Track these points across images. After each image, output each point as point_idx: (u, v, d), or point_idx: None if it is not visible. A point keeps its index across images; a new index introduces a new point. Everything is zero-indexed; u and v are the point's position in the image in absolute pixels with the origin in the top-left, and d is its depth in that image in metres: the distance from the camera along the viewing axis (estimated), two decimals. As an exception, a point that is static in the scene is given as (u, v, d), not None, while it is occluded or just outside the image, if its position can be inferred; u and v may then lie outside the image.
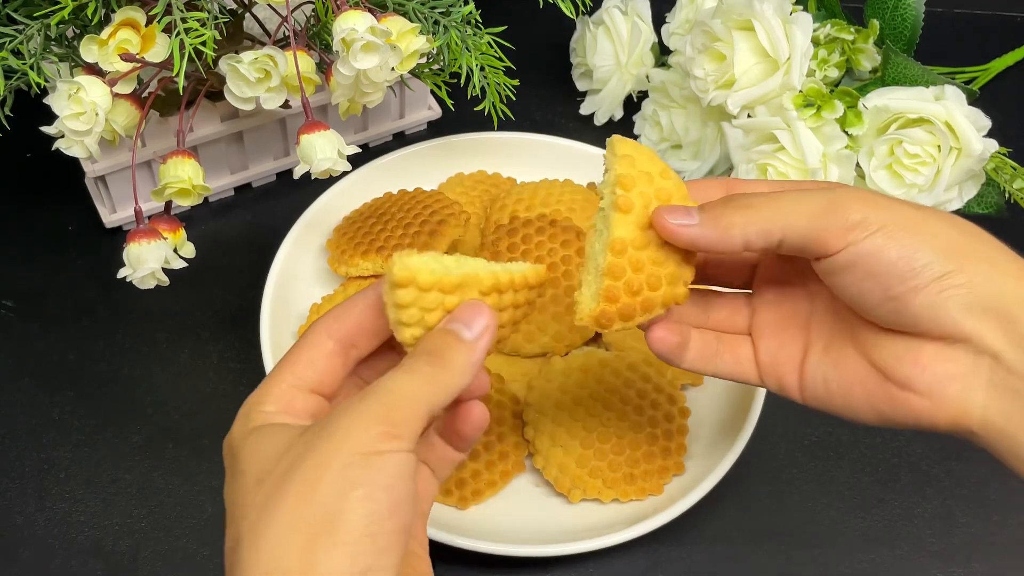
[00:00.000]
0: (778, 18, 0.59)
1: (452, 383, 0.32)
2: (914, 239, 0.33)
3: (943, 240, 0.33)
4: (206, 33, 0.46)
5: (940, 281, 0.33)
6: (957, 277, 0.33)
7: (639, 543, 0.50)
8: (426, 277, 0.33)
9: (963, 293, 0.33)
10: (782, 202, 0.35)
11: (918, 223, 0.33)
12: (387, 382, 0.31)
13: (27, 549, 0.50)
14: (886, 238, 0.33)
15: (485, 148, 0.68)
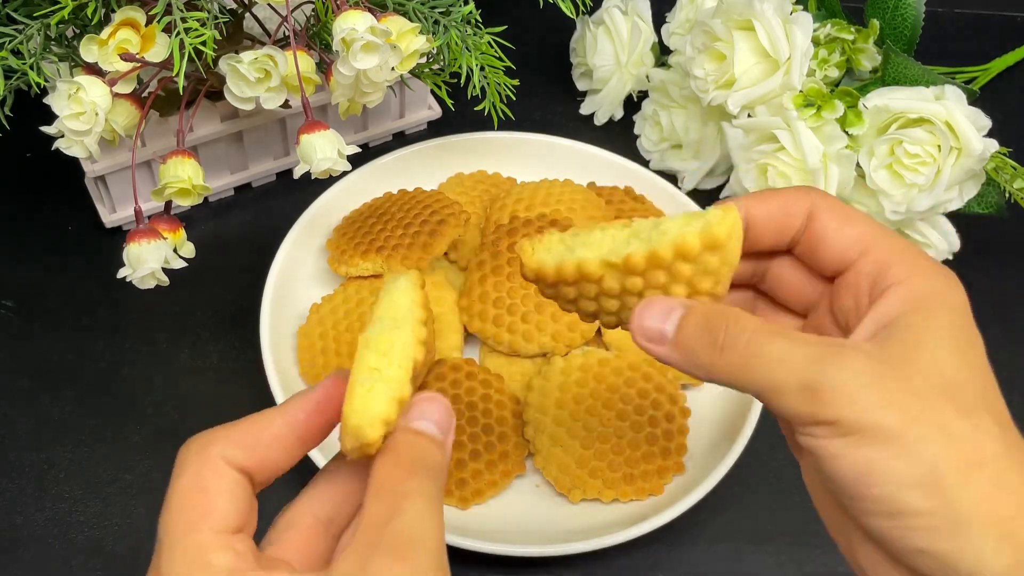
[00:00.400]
0: (778, 18, 0.59)
1: (442, 496, 0.29)
2: (884, 460, 0.27)
3: (923, 469, 0.26)
4: (206, 33, 0.46)
5: (896, 518, 0.27)
6: (919, 519, 0.26)
7: (639, 543, 0.50)
8: None
9: (922, 538, 0.27)
10: (758, 362, 0.29)
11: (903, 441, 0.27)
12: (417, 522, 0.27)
13: (27, 549, 0.50)
14: (849, 448, 0.27)
15: (485, 148, 0.68)
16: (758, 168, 0.62)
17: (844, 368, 0.28)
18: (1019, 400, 0.61)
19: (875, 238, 0.31)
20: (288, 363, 0.56)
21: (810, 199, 0.32)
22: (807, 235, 0.32)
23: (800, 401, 0.28)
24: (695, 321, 0.30)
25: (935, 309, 0.29)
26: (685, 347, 0.30)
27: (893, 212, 0.60)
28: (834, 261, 0.32)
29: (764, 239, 0.33)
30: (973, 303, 0.70)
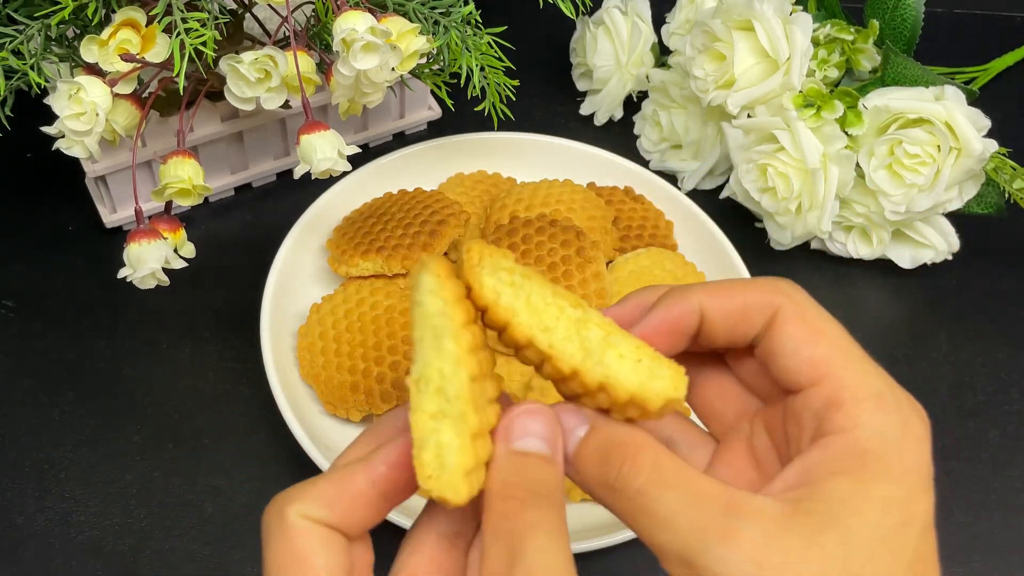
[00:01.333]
0: (778, 18, 0.59)
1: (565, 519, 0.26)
2: None
3: None
4: (206, 33, 0.46)
5: None
6: None
7: (639, 543, 0.50)
8: None
9: None
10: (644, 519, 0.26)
11: None
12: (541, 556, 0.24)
13: (27, 549, 0.50)
14: None
15: (485, 148, 0.68)
16: (758, 168, 0.62)
17: (732, 550, 0.24)
18: (1019, 399, 0.61)
19: (835, 365, 0.27)
20: (288, 363, 0.56)
21: (776, 302, 0.28)
22: (763, 341, 0.28)
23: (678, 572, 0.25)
24: (593, 448, 0.27)
25: (872, 479, 0.25)
26: (580, 473, 0.28)
27: (893, 212, 0.60)
28: (785, 381, 0.28)
29: (715, 339, 0.29)
30: (973, 303, 0.70)
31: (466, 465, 0.25)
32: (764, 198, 0.63)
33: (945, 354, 0.62)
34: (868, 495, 0.25)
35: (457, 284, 0.27)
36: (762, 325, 0.28)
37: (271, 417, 0.54)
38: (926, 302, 0.65)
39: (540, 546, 0.25)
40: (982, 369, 0.62)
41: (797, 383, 0.28)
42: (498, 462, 0.26)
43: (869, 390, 0.26)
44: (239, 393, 0.57)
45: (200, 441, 0.55)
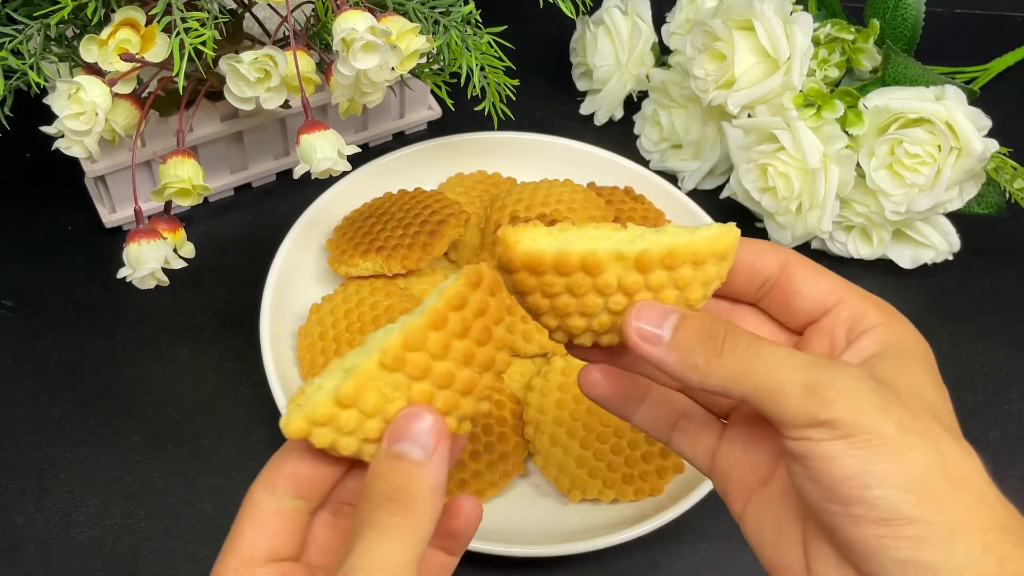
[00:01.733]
0: (778, 18, 0.59)
1: (426, 522, 0.28)
2: (880, 464, 0.27)
3: (918, 477, 0.27)
4: (206, 33, 0.46)
5: (887, 524, 0.27)
6: (909, 528, 0.27)
7: (639, 543, 0.50)
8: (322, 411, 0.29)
9: (908, 547, 0.27)
10: (758, 362, 0.29)
11: (899, 447, 0.27)
12: (363, 559, 0.27)
13: (27, 549, 0.50)
14: (846, 448, 0.27)
15: (485, 148, 0.68)
16: (758, 168, 0.62)
17: (845, 373, 0.28)
18: (1019, 399, 0.61)
19: (849, 290, 0.33)
20: (288, 363, 0.56)
21: (783, 253, 0.33)
22: (780, 286, 0.33)
23: (801, 401, 0.28)
24: (693, 326, 0.31)
25: (911, 350, 0.31)
26: (682, 349, 0.30)
27: (893, 212, 0.60)
28: (810, 309, 0.33)
29: (735, 284, 0.34)
30: (973, 303, 0.71)
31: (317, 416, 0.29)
32: (764, 198, 0.62)
33: (945, 354, 0.62)
34: (916, 359, 0.31)
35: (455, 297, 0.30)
36: (773, 271, 0.33)
37: (271, 417, 0.54)
38: (926, 302, 0.65)
39: (366, 546, 0.28)
40: (982, 369, 0.62)
41: (823, 306, 0.33)
42: (376, 459, 0.29)
43: (883, 303, 0.33)
44: (239, 393, 0.57)
45: (200, 441, 0.55)
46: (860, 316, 0.32)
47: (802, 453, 0.28)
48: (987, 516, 0.27)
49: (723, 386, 0.30)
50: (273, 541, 0.31)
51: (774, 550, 0.32)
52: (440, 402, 0.30)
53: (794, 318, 0.34)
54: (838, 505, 0.28)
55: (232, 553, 0.31)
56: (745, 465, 0.34)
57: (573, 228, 0.31)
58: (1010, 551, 0.27)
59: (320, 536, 0.33)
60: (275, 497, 0.31)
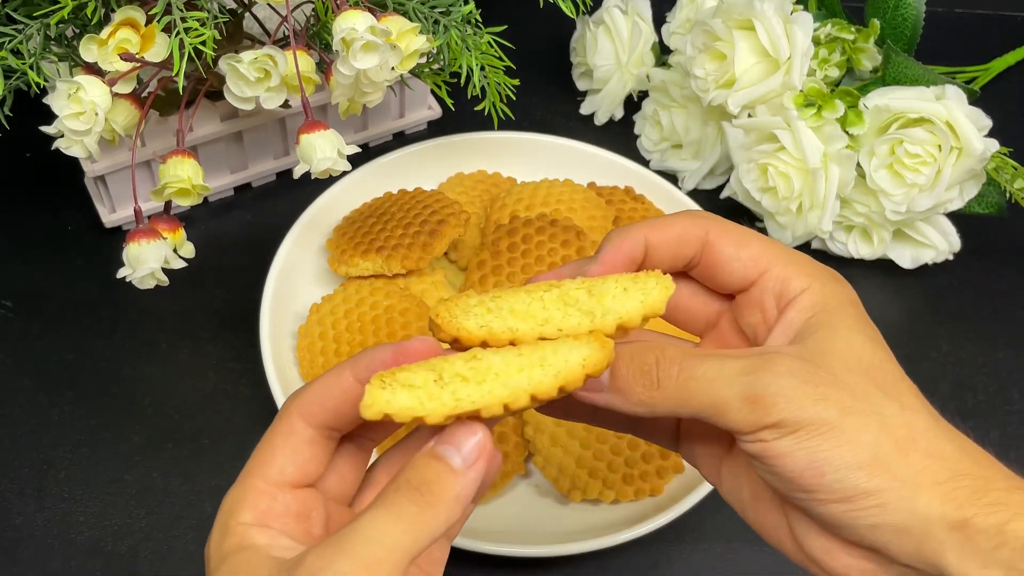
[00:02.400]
0: (779, 18, 0.59)
1: (439, 522, 0.29)
2: (829, 450, 0.29)
3: (866, 453, 0.29)
4: (206, 33, 0.46)
5: (849, 501, 0.29)
6: (869, 499, 0.29)
7: (639, 543, 0.50)
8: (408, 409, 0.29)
9: (874, 514, 0.29)
10: (695, 385, 0.31)
11: (843, 430, 0.29)
12: (366, 528, 0.28)
13: (27, 549, 0.50)
14: (796, 443, 0.29)
15: (485, 148, 0.68)
16: (759, 168, 0.62)
17: (777, 373, 0.30)
18: (1019, 399, 0.61)
19: (772, 256, 0.33)
20: (288, 363, 0.56)
21: (705, 225, 0.34)
22: (705, 259, 0.34)
23: (743, 411, 0.30)
24: (625, 365, 0.32)
25: (839, 308, 0.32)
26: (624, 391, 0.32)
27: (893, 212, 0.60)
28: (735, 281, 0.34)
29: (661, 263, 0.35)
30: (973, 303, 0.70)
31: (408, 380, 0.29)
32: (765, 198, 0.62)
33: (945, 354, 0.62)
34: (845, 316, 0.32)
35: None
36: (697, 245, 0.34)
37: (271, 417, 0.54)
38: (926, 302, 0.65)
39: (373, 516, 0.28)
40: (982, 369, 0.62)
41: (747, 278, 0.34)
42: (419, 453, 0.30)
43: (806, 262, 0.33)
44: (239, 393, 0.57)
45: (200, 441, 0.55)
46: (786, 284, 0.33)
47: (758, 453, 0.30)
48: (939, 469, 0.29)
49: (671, 411, 0.31)
50: (303, 469, 0.32)
51: (756, 514, 0.34)
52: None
53: (722, 287, 0.35)
54: (801, 492, 0.30)
55: (260, 473, 0.32)
56: (707, 433, 0.35)
57: (505, 294, 0.32)
58: (966, 494, 0.29)
59: (341, 465, 0.34)
60: (312, 427, 0.32)
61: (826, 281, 0.33)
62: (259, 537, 0.31)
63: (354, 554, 0.28)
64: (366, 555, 0.28)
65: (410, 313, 0.54)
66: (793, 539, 0.32)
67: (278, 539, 0.31)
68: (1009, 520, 0.28)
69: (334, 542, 0.28)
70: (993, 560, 0.28)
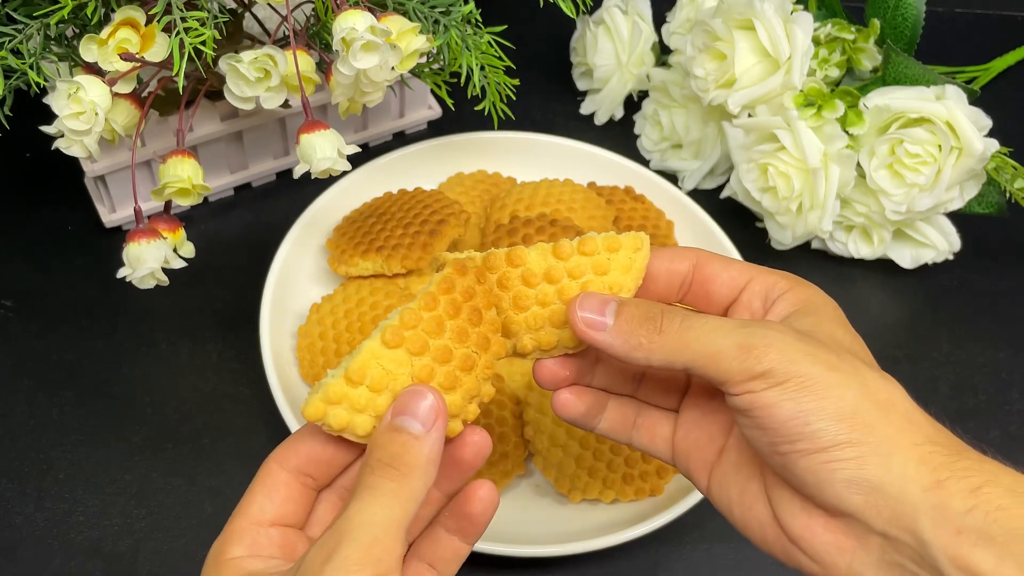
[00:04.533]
0: (779, 17, 0.59)
1: (418, 489, 0.31)
2: (814, 401, 0.31)
3: (848, 407, 0.31)
4: (206, 32, 0.46)
5: (828, 451, 0.30)
6: (848, 450, 0.30)
7: (639, 543, 0.50)
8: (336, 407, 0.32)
9: (851, 467, 0.30)
10: (694, 334, 0.33)
11: (827, 384, 0.31)
12: (356, 515, 0.30)
13: (26, 549, 0.50)
14: (783, 393, 0.31)
15: (485, 148, 0.68)
16: (759, 168, 0.62)
17: (771, 328, 0.32)
18: (1019, 399, 0.61)
19: (755, 269, 0.37)
20: (288, 363, 0.56)
21: (693, 254, 0.37)
22: (697, 278, 0.37)
23: (737, 360, 0.32)
24: (631, 310, 0.34)
25: (820, 307, 0.35)
26: (625, 332, 0.34)
27: (894, 212, 0.60)
28: (726, 291, 0.37)
29: (659, 289, 0.38)
30: (973, 303, 0.70)
31: (331, 395, 0.32)
32: (765, 198, 0.62)
33: (945, 354, 0.62)
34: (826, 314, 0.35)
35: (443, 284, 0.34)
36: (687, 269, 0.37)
37: (271, 417, 0.54)
38: (927, 302, 0.65)
39: (360, 506, 0.30)
40: (982, 369, 0.62)
41: (736, 286, 0.37)
42: (377, 431, 0.32)
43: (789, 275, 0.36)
44: (239, 393, 0.57)
45: (200, 441, 0.55)
46: (771, 287, 0.36)
47: (745, 406, 0.32)
48: (916, 433, 0.31)
49: (667, 360, 0.33)
50: (281, 507, 0.33)
51: (742, 510, 0.35)
52: (441, 377, 0.33)
53: (716, 304, 0.37)
54: (785, 444, 0.31)
55: (242, 515, 0.33)
56: (701, 442, 0.37)
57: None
58: (941, 459, 0.30)
59: (324, 515, 0.35)
60: (286, 471, 0.34)
61: (808, 286, 0.36)
62: (254, 564, 0.32)
63: (353, 539, 0.29)
64: (364, 537, 0.29)
65: (410, 313, 0.54)
66: (776, 525, 0.34)
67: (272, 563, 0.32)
68: (981, 485, 0.29)
69: (331, 535, 0.29)
70: (966, 525, 0.29)
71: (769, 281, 0.36)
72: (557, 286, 0.35)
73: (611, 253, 0.35)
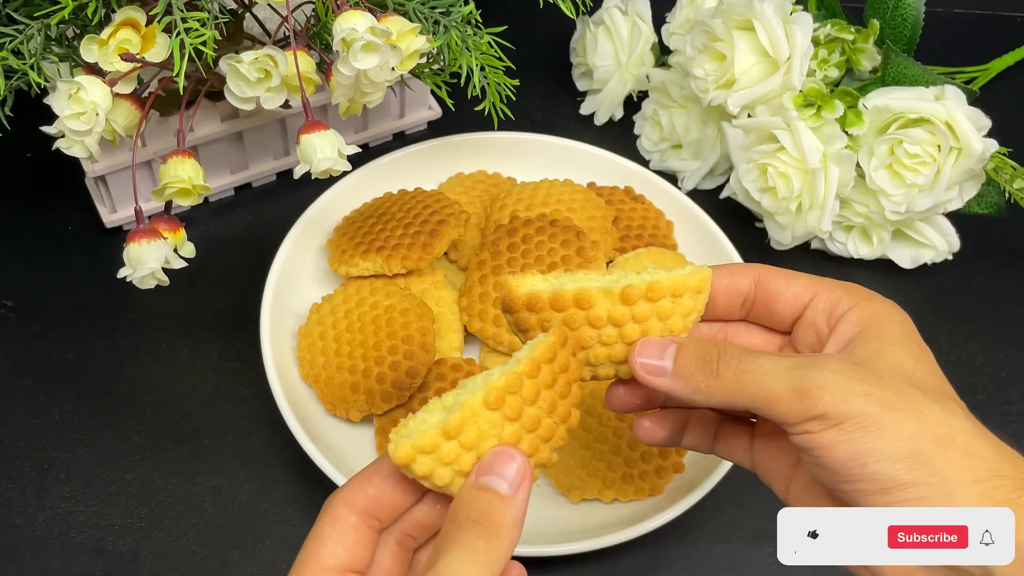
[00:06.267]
0: (778, 18, 0.59)
1: (506, 549, 0.31)
2: (871, 442, 0.31)
3: (905, 447, 0.30)
4: (206, 33, 0.46)
5: (889, 492, 0.31)
6: (907, 491, 0.30)
7: (640, 543, 0.50)
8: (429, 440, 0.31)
9: (912, 506, 0.30)
10: (750, 378, 0.33)
11: (884, 424, 0.31)
12: (446, 570, 0.30)
13: (27, 549, 0.50)
14: (839, 435, 0.31)
15: (485, 148, 0.68)
16: (758, 168, 0.62)
17: (824, 369, 0.32)
18: (1019, 399, 0.61)
19: (821, 283, 0.37)
20: (288, 363, 0.56)
21: (755, 270, 0.38)
22: (760, 296, 0.38)
23: (792, 403, 0.32)
24: (689, 354, 0.35)
25: (886, 325, 0.35)
26: (684, 376, 0.34)
27: (893, 212, 0.60)
28: (790, 308, 0.37)
29: (719, 307, 0.38)
30: (973, 303, 0.70)
31: (424, 444, 0.31)
32: (764, 198, 0.63)
33: (945, 354, 0.62)
34: (892, 333, 0.34)
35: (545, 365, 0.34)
36: (749, 286, 0.37)
37: (271, 417, 0.54)
38: (926, 302, 0.65)
39: (449, 560, 0.30)
40: (982, 369, 0.62)
41: (800, 302, 0.37)
42: (463, 488, 0.32)
43: (855, 287, 0.36)
44: (239, 393, 0.57)
45: (200, 441, 0.55)
46: (835, 303, 0.36)
47: (805, 445, 0.32)
48: (978, 468, 0.30)
49: (726, 402, 0.34)
50: (352, 553, 0.33)
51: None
52: (526, 444, 0.33)
53: (779, 321, 0.38)
54: (846, 484, 0.31)
55: (313, 560, 0.32)
56: (776, 454, 0.37)
57: (566, 274, 0.36)
58: (1004, 495, 0.30)
59: (385, 560, 0.34)
60: (355, 513, 0.33)
61: (874, 300, 0.36)
62: None
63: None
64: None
65: (410, 313, 0.54)
66: None
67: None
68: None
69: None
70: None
71: (833, 297, 0.36)
72: (620, 329, 0.35)
73: (675, 299, 0.35)
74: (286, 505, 0.52)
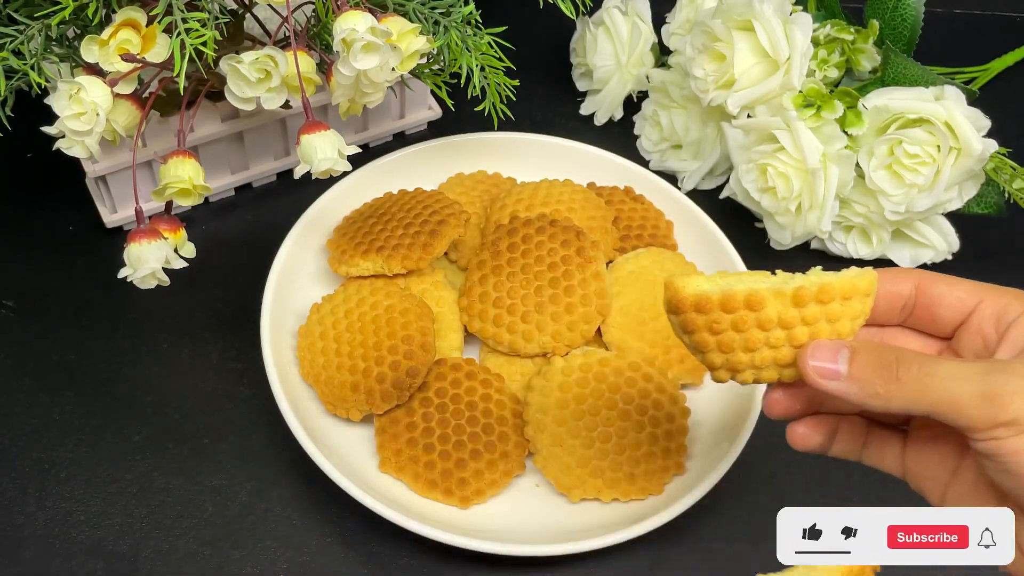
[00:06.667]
0: (778, 18, 0.59)
1: None
2: None
3: None
4: (207, 33, 0.46)
5: None
6: None
7: (639, 543, 0.50)
8: None
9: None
10: (934, 382, 0.32)
11: None
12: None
13: (27, 549, 0.50)
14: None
15: (485, 148, 0.68)
16: (758, 168, 0.62)
17: (1014, 374, 0.32)
18: (1018, 400, 0.61)
19: (985, 289, 0.36)
20: (288, 363, 0.56)
21: (915, 275, 0.37)
22: (919, 301, 0.37)
23: (980, 408, 0.31)
24: (866, 358, 0.34)
25: None
26: (860, 380, 0.34)
27: (893, 212, 0.60)
28: (953, 313, 0.37)
29: (878, 311, 0.37)
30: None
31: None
32: (764, 198, 0.63)
33: (945, 354, 0.62)
34: None
35: None
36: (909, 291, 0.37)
37: (271, 417, 0.54)
38: (926, 302, 0.65)
39: None
40: (982, 369, 0.62)
41: (965, 308, 0.36)
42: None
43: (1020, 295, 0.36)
44: (239, 393, 0.57)
45: (200, 441, 0.55)
46: (1003, 309, 0.35)
47: (991, 451, 0.32)
48: None
49: (905, 407, 0.33)
50: None
51: None
52: None
53: (942, 327, 0.37)
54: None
55: None
56: (932, 461, 0.37)
57: (730, 275, 0.35)
58: None
59: None
60: None
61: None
62: None
63: None
64: None
65: (410, 313, 0.55)
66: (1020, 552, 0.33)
67: None
68: None
69: None
70: None
71: (1001, 303, 0.35)
72: (789, 332, 0.35)
73: (845, 301, 0.35)
74: (286, 505, 0.52)
